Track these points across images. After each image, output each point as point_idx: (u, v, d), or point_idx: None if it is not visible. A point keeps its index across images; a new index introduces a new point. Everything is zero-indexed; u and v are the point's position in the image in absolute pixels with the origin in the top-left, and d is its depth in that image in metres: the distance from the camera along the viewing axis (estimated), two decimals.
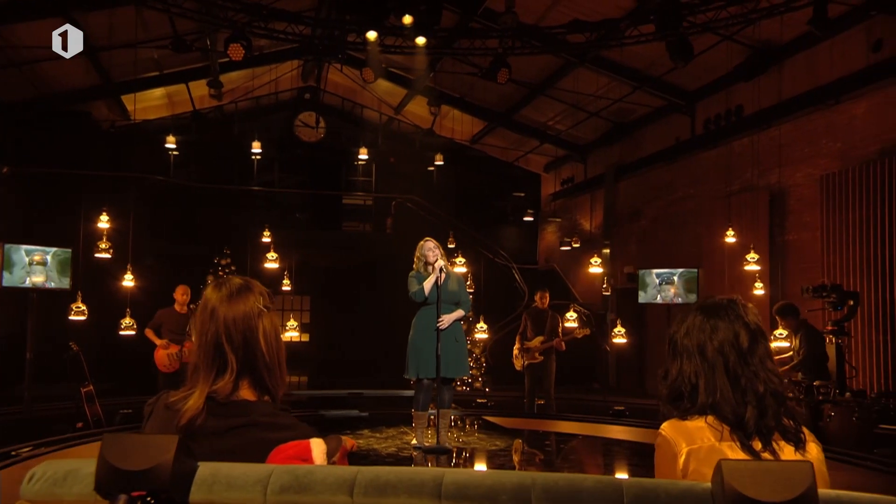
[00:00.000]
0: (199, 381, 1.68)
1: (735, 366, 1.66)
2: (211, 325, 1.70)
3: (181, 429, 1.61)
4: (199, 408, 1.63)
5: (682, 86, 12.42)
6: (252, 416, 1.64)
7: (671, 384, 1.75)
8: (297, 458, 1.56)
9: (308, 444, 1.59)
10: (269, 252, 9.76)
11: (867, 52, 9.33)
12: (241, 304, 1.72)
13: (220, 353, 1.68)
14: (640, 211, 14.05)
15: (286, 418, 1.68)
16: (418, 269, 6.36)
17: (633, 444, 6.98)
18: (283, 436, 1.60)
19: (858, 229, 8.83)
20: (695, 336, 1.72)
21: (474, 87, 14.22)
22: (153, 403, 1.74)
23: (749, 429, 1.59)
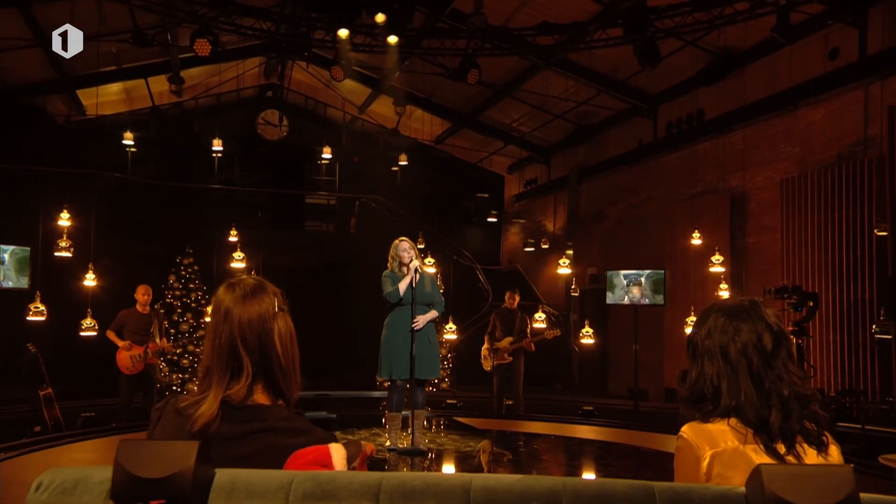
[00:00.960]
0: (213, 385, 1.63)
1: (759, 368, 1.64)
2: (225, 326, 1.65)
3: (195, 435, 1.56)
4: (213, 413, 1.58)
5: (645, 89, 12.61)
6: (268, 420, 1.60)
7: (692, 386, 1.72)
8: (317, 464, 1.52)
9: (327, 450, 1.55)
10: (236, 252, 9.59)
11: (824, 59, 9.59)
12: (255, 305, 1.68)
13: (234, 357, 1.63)
14: (604, 213, 14.22)
15: (303, 423, 1.64)
16: (392, 269, 6.32)
17: (607, 444, 7.06)
18: (300, 441, 1.57)
19: (817, 232, 9.07)
20: (717, 338, 1.70)
21: (439, 88, 14.22)
22: (161, 408, 1.68)
23: (773, 432, 1.59)
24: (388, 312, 6.43)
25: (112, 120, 14.78)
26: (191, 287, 10.94)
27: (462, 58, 11.02)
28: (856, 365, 8.31)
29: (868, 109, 8.96)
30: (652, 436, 7.56)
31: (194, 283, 10.99)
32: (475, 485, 1.40)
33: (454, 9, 11.23)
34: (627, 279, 8.69)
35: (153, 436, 1.66)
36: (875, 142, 8.76)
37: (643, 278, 8.63)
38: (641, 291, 8.57)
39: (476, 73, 9.56)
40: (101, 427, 7.59)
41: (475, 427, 7.67)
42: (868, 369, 8.18)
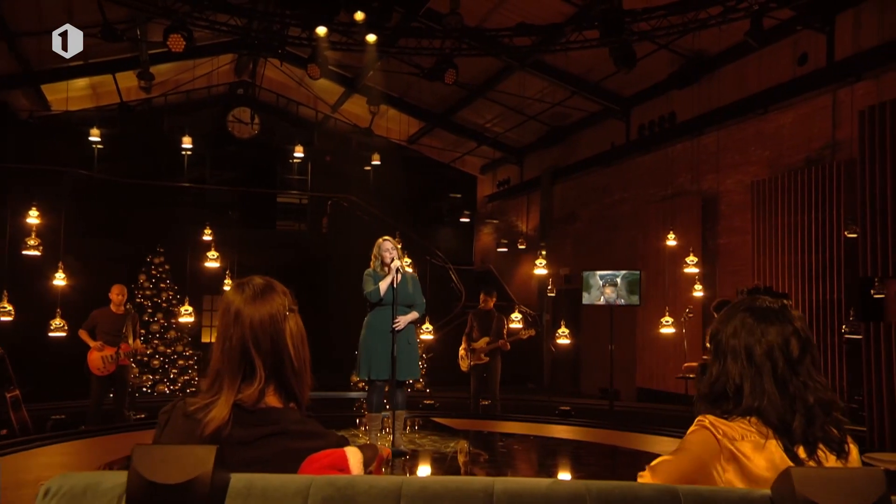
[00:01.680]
0: (224, 389, 1.59)
1: (783, 372, 1.64)
2: (235, 328, 1.62)
3: (207, 439, 1.53)
4: (225, 416, 1.55)
5: (617, 92, 12.73)
6: (281, 423, 1.57)
7: (712, 383, 1.72)
8: (333, 468, 1.50)
9: (344, 454, 1.53)
10: (210, 251, 9.45)
11: (793, 65, 9.78)
12: (266, 305, 1.65)
13: (246, 359, 1.60)
14: (576, 213, 14.32)
15: (316, 426, 1.61)
16: (374, 269, 6.27)
17: (587, 444, 7.10)
18: (315, 444, 1.55)
19: (787, 234, 9.23)
20: (743, 337, 1.69)
21: (413, 88, 14.18)
22: (169, 412, 1.64)
23: (795, 437, 1.58)
24: (367, 312, 6.39)
25: (78, 116, 14.49)
26: (162, 287, 10.76)
27: (437, 57, 11.02)
28: (825, 364, 8.47)
29: (836, 114, 9.14)
30: (628, 435, 7.64)
31: (165, 283, 10.81)
32: (497, 488, 1.39)
33: (430, 8, 11.21)
34: (604, 280, 8.75)
35: (160, 440, 1.62)
36: (843, 146, 8.94)
37: (619, 279, 8.70)
38: (617, 292, 8.64)
39: (453, 74, 9.56)
40: (70, 430, 7.42)
41: (454, 427, 7.66)
42: (837, 369, 8.35)
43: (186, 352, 10.66)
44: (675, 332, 8.90)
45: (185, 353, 10.63)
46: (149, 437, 5.81)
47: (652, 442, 7.27)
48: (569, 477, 5.87)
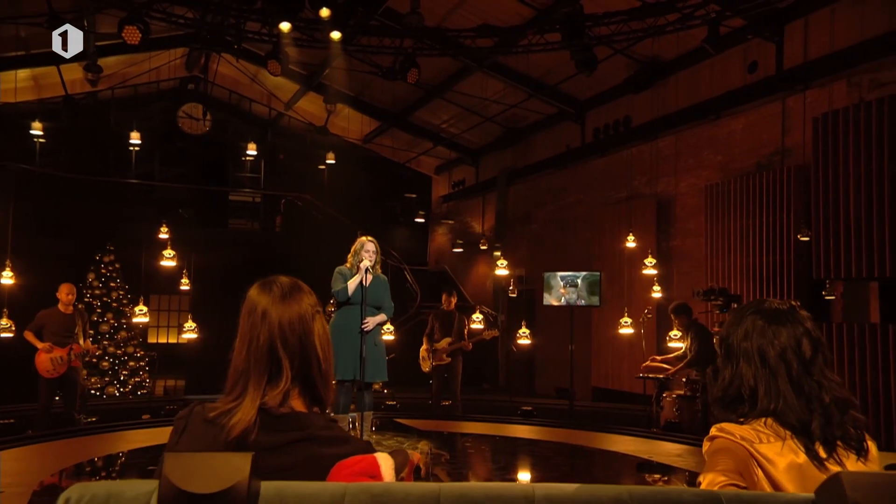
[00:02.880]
0: (248, 391, 1.54)
1: (798, 373, 1.64)
2: (263, 327, 1.57)
3: (231, 444, 1.47)
4: (251, 420, 1.49)
5: (574, 95, 12.88)
6: (308, 429, 1.52)
7: (725, 387, 1.71)
8: (365, 475, 1.45)
9: (375, 460, 1.49)
10: (166, 249, 9.21)
11: (744, 72, 10.04)
12: (295, 304, 1.61)
13: (273, 359, 1.56)
14: (532, 215, 14.44)
15: (341, 431, 1.57)
16: (351, 267, 6.21)
17: (555, 445, 7.17)
18: (342, 450, 1.50)
19: (739, 237, 9.47)
20: (755, 340, 1.68)
21: (369, 87, 14.10)
22: (185, 417, 1.58)
23: (815, 436, 1.58)
24: (335, 312, 6.33)
25: (19, 108, 13.94)
26: (112, 286, 10.42)
27: (395, 56, 10.98)
28: None
29: (786, 121, 9.43)
30: (590, 434, 7.74)
31: (116, 282, 10.47)
32: (538, 494, 1.37)
33: (388, 7, 11.16)
34: (564, 280, 8.84)
35: (177, 447, 1.55)
36: (792, 152, 9.23)
37: (579, 280, 8.80)
38: (577, 293, 8.73)
39: (416, 73, 9.53)
40: (18, 435, 7.13)
41: (418, 428, 7.64)
42: None
43: (138, 353, 10.35)
44: (634, 332, 9.04)
45: (136, 355, 10.32)
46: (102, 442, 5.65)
47: (614, 441, 7.38)
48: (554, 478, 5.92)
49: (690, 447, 6.99)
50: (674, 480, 5.96)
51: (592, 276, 8.94)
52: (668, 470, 6.19)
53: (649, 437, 7.57)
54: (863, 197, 6.54)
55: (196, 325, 8.38)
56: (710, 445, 1.63)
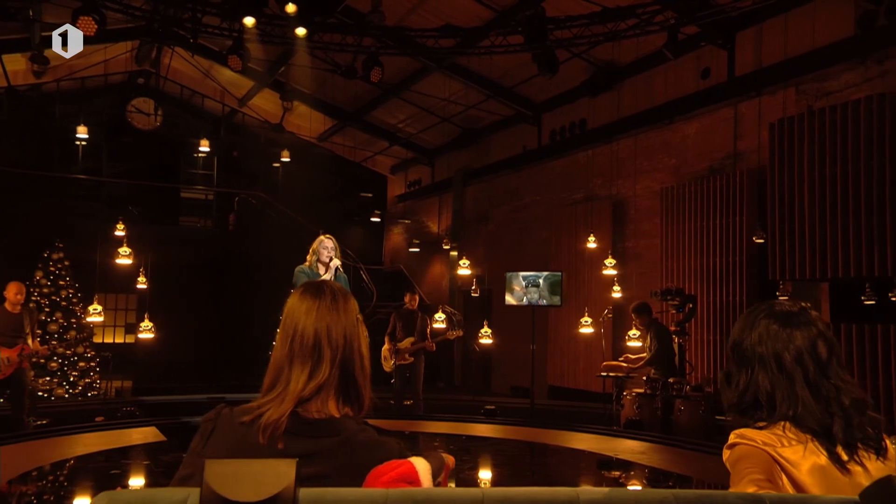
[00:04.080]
0: (288, 386, 1.53)
1: (815, 376, 1.62)
2: (308, 322, 1.58)
3: (264, 449, 1.44)
4: (282, 415, 1.47)
5: (530, 97, 13.01)
6: (343, 434, 1.50)
7: (741, 393, 1.67)
8: (403, 481, 1.42)
9: (412, 465, 1.45)
10: (122, 247, 8.95)
11: (697, 78, 10.30)
12: (342, 307, 1.63)
13: (316, 350, 1.55)
14: (488, 215, 14.53)
15: (374, 434, 1.55)
16: (311, 265, 6.14)
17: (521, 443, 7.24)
18: (378, 456, 1.48)
19: (693, 238, 9.72)
20: (769, 344, 1.66)
21: (326, 84, 13.97)
22: (213, 420, 1.54)
23: (837, 440, 1.56)
24: None
25: None
26: (61, 284, 10.06)
27: (354, 55, 10.91)
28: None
29: (738, 126, 9.72)
30: (553, 433, 7.84)
31: (65, 280, 10.12)
32: (582, 498, 1.37)
33: (347, 6, 11.08)
34: (527, 280, 8.93)
35: (205, 452, 1.50)
36: (744, 156, 9.52)
37: (541, 280, 8.90)
38: (539, 293, 8.83)
39: (379, 72, 9.49)
40: None
41: (382, 428, 7.59)
42: None
43: (88, 353, 10.03)
44: (594, 331, 9.19)
45: (86, 355, 10.01)
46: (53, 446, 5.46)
47: (578, 439, 7.50)
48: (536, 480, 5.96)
49: (652, 444, 7.15)
50: (636, 477, 6.10)
51: (554, 276, 9.06)
52: (635, 466, 6.33)
53: (611, 434, 7.71)
54: (816, 201, 6.79)
55: (153, 325, 8.17)
56: (731, 453, 1.60)
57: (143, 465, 5.91)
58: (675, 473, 6.28)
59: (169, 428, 7.51)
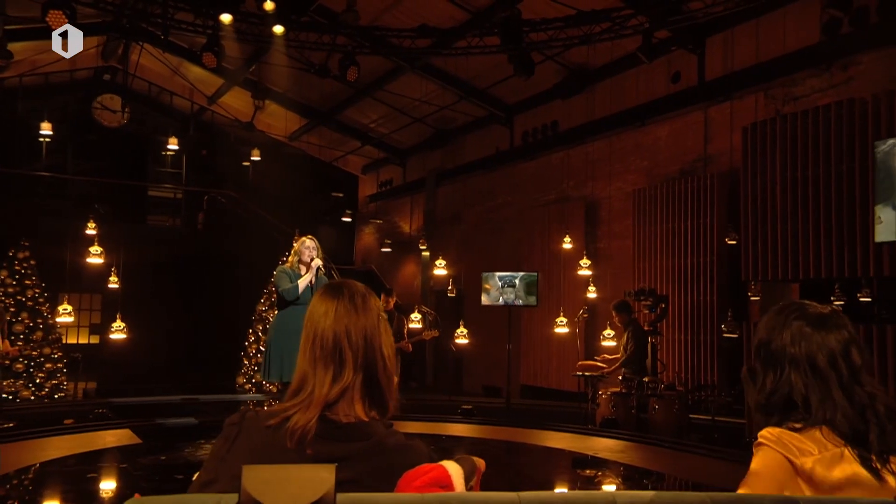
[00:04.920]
0: (314, 392, 1.50)
1: (848, 381, 1.61)
2: (327, 324, 1.56)
3: (293, 453, 1.42)
4: (310, 422, 1.45)
5: (503, 98, 13.08)
6: (372, 438, 1.48)
7: (770, 394, 1.66)
8: (435, 486, 1.40)
9: (444, 469, 1.43)
10: (93, 246, 8.77)
11: (668, 82, 10.47)
12: (364, 308, 1.60)
13: (337, 354, 1.54)
14: (460, 216, 14.57)
15: (403, 438, 1.53)
16: (292, 266, 6.11)
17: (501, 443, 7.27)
18: (409, 460, 1.46)
19: (665, 239, 9.88)
20: (803, 346, 1.63)
21: (297, 83, 13.86)
22: (238, 423, 1.51)
23: (872, 448, 1.55)
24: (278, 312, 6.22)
25: None
26: (27, 283, 9.83)
27: (327, 53, 10.86)
28: (699, 361, 9.16)
29: (708, 129, 9.90)
30: (530, 432, 7.90)
31: (31, 280, 9.89)
32: (619, 502, 1.38)
33: (321, 5, 11.02)
34: (503, 281, 8.98)
35: (228, 457, 1.47)
36: (714, 159, 9.70)
37: (517, 280, 8.96)
38: (515, 293, 8.89)
39: (355, 71, 9.45)
40: None
41: None
42: (710, 365, 9.04)
43: (55, 354, 9.82)
44: (569, 331, 9.28)
45: (53, 356, 9.79)
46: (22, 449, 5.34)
47: (555, 438, 7.57)
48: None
49: (629, 443, 7.25)
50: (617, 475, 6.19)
51: (530, 276, 9.13)
52: (615, 465, 6.42)
53: (587, 433, 7.80)
54: (788, 203, 6.96)
55: (125, 325, 8.03)
56: (757, 454, 1.59)
57: (119, 468, 5.81)
58: (655, 472, 6.38)
59: (144, 430, 7.40)
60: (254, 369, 11.20)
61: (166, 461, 6.00)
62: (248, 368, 11.23)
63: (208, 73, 13.70)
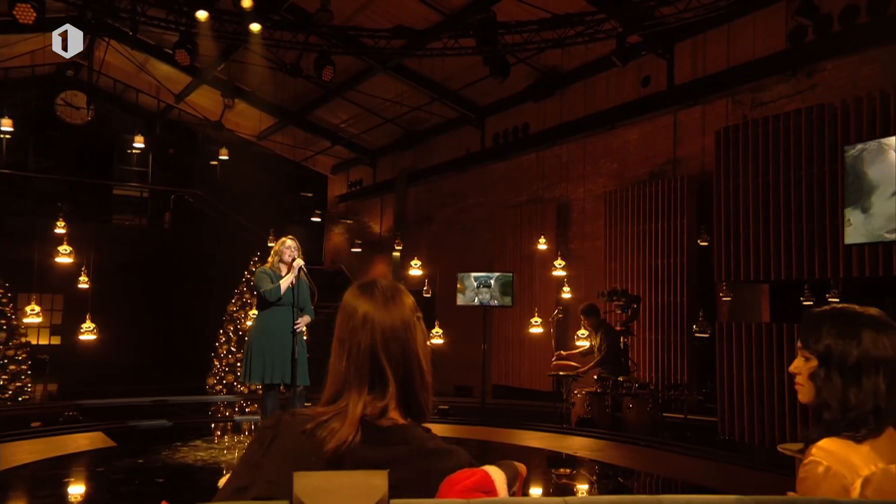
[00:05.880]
0: (350, 400, 1.45)
1: None
2: (364, 334, 1.49)
3: (332, 459, 1.38)
4: (352, 432, 1.40)
5: (474, 100, 13.14)
6: (413, 443, 1.45)
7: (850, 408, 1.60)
8: (479, 491, 1.37)
9: (487, 474, 1.40)
10: (62, 245, 8.57)
11: (638, 86, 10.64)
12: (398, 310, 1.53)
13: (375, 367, 1.48)
14: (431, 216, 14.59)
15: (441, 442, 1.49)
16: (273, 266, 6.08)
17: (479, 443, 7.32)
18: (450, 464, 1.43)
19: (635, 241, 10.03)
20: (873, 354, 1.61)
21: (267, 82, 13.73)
22: (273, 427, 1.45)
23: None
24: (259, 313, 6.18)
25: None
26: None
27: (299, 53, 10.80)
28: (670, 361, 9.32)
29: (677, 133, 10.09)
30: (507, 431, 7.96)
31: None
32: None
33: (293, 4, 10.94)
34: (478, 281, 9.03)
35: (265, 460, 1.42)
36: (683, 162, 9.88)
37: (493, 280, 9.02)
38: (490, 293, 8.95)
39: (331, 71, 9.42)
40: None
41: None
42: (680, 365, 9.21)
43: (19, 356, 9.58)
44: (543, 332, 9.37)
45: (17, 357, 9.55)
46: None
47: (532, 437, 7.63)
48: None
49: (605, 441, 7.36)
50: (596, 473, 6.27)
51: (505, 276, 9.20)
52: (593, 463, 6.52)
53: (563, 432, 7.90)
54: (760, 206, 7.13)
55: (95, 326, 7.87)
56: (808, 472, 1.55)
57: (97, 472, 5.70)
58: (634, 470, 6.49)
59: (117, 433, 7.27)
60: (225, 370, 11.07)
61: (144, 464, 5.91)
62: (219, 370, 11.10)
63: (176, 70, 13.48)
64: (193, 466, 5.90)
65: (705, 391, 8.45)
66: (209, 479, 5.75)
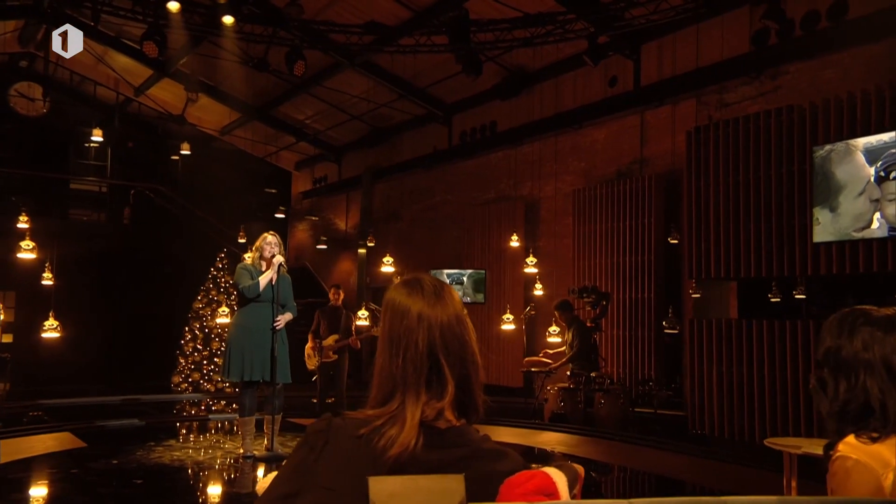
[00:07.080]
0: (407, 403, 1.39)
1: None
2: (420, 332, 1.43)
3: (389, 463, 1.33)
4: (413, 436, 1.35)
5: (442, 98, 13.14)
6: (471, 445, 1.41)
7: (845, 401, 1.63)
8: (540, 494, 1.34)
9: (548, 476, 1.37)
10: (25, 240, 8.31)
11: (605, 86, 10.78)
12: (449, 305, 1.47)
13: (434, 367, 1.41)
14: (398, 213, 14.56)
15: (497, 444, 1.46)
16: (253, 263, 6.01)
17: None
18: (508, 466, 1.40)
19: (604, 239, 10.17)
20: (877, 351, 1.61)
21: (230, 76, 13.52)
22: (325, 431, 1.38)
23: None
24: (238, 310, 6.11)
25: None
26: None
27: (266, 47, 10.66)
28: (638, 357, 9.48)
29: (644, 133, 10.26)
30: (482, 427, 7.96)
31: None
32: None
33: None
34: (451, 278, 9.06)
35: (318, 465, 1.37)
36: (650, 161, 10.06)
37: (465, 277, 9.06)
38: (463, 290, 8.98)
39: (303, 65, 9.32)
40: None
41: None
42: (648, 361, 9.37)
43: None
44: (515, 328, 9.43)
45: None
46: None
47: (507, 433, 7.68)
48: None
49: (578, 436, 7.46)
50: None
51: (478, 274, 9.25)
52: (568, 458, 6.59)
53: (536, 427, 7.98)
54: (730, 205, 7.31)
55: (59, 324, 7.65)
56: (839, 466, 1.57)
57: (70, 474, 5.54)
58: (609, 464, 6.60)
59: (85, 433, 7.09)
60: (190, 367, 10.88)
61: (120, 465, 5.78)
62: (185, 367, 10.91)
63: (135, 62, 13.20)
64: (170, 467, 5.79)
65: (674, 386, 8.62)
66: (188, 479, 5.66)
